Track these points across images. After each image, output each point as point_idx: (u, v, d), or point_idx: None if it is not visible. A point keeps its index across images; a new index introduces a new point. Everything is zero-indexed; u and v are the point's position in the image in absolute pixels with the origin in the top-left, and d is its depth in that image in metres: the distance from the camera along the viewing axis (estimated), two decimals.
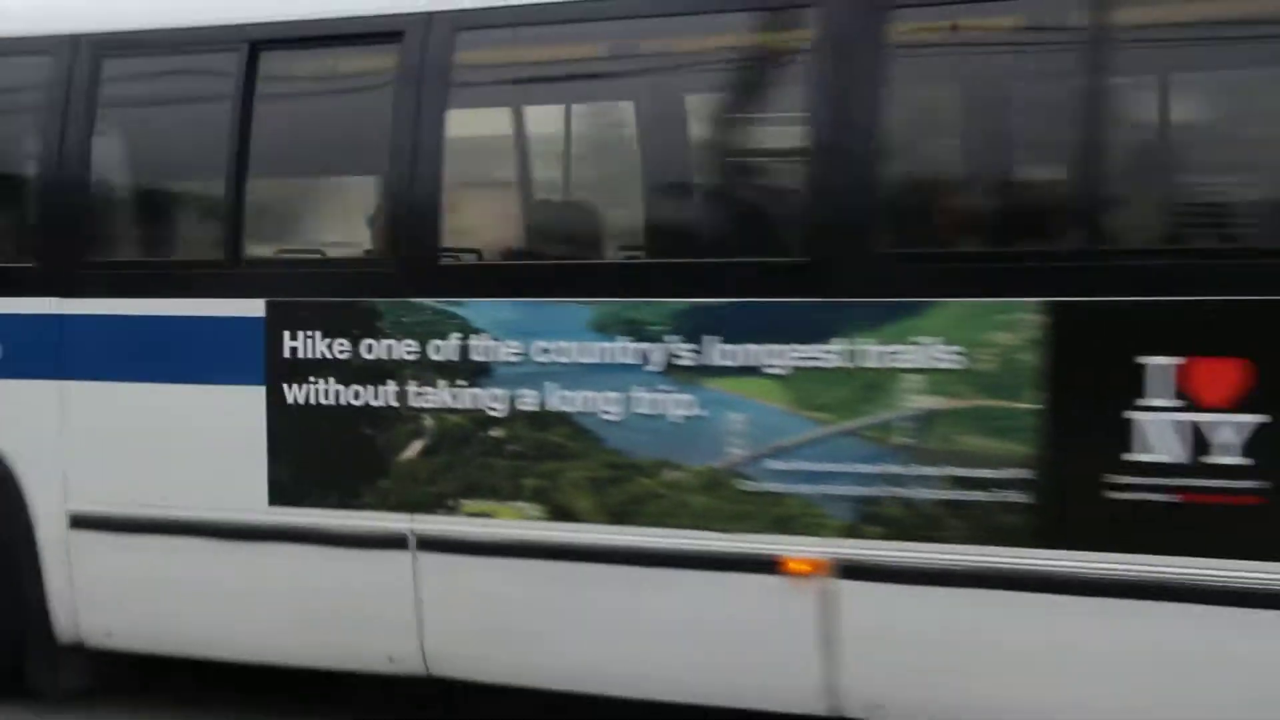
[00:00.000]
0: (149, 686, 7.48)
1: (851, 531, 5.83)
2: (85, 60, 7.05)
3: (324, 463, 6.53)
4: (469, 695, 6.78)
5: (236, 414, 6.59)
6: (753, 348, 5.93)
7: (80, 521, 7.03)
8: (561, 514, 6.22)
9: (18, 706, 7.24)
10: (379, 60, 6.48)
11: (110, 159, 7.16)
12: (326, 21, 6.62)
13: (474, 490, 6.34)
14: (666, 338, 6.05)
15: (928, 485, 5.72)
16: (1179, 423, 5.42)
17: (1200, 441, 5.41)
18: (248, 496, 6.65)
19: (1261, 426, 5.34)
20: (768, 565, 5.93)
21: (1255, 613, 5.33)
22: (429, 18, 6.37)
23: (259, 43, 6.70)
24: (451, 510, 6.38)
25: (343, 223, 7.22)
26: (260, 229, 6.95)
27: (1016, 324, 5.59)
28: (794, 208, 5.96)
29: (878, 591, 5.80)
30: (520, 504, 6.29)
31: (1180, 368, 5.43)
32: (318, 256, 6.94)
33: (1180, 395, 5.43)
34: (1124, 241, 5.61)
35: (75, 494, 7.01)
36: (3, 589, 7.26)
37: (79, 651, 7.20)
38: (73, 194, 7.09)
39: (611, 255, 6.57)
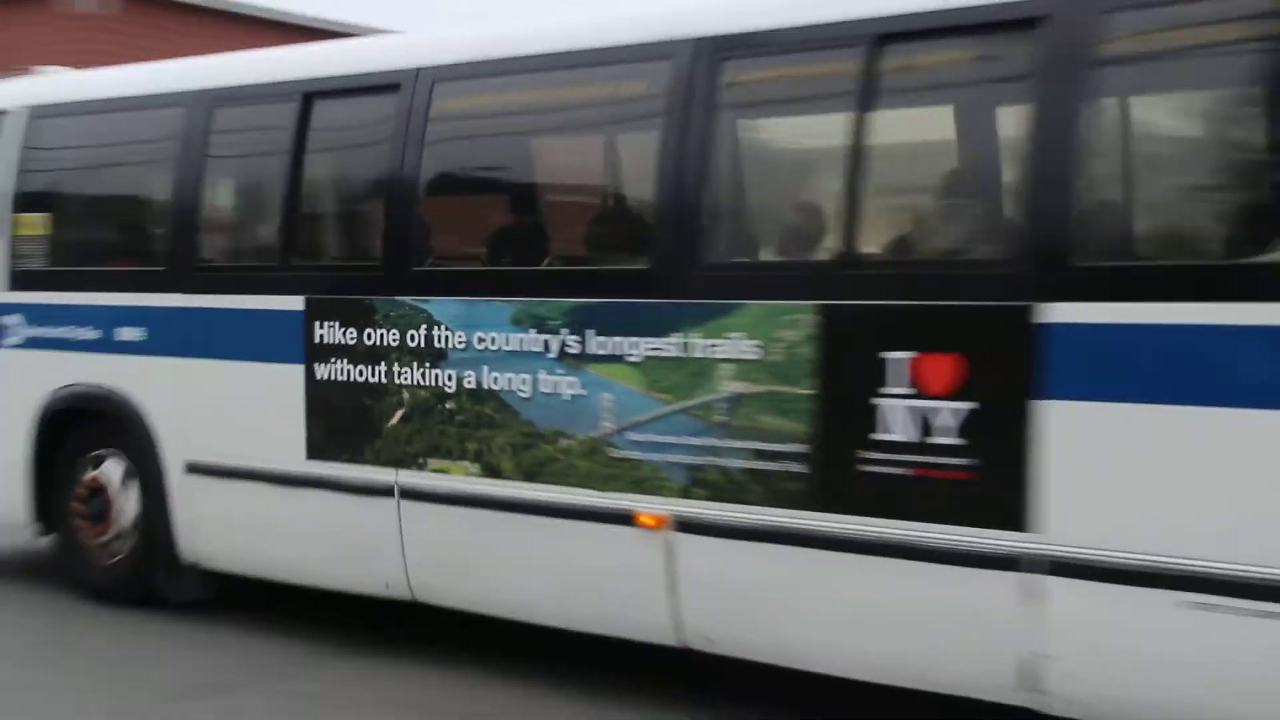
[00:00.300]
0: (252, 601, 9.39)
1: (685, 493, 7.15)
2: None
3: (342, 427, 8.23)
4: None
5: (287, 386, 8.37)
6: (617, 339, 7.34)
7: (193, 468, 9.03)
8: (492, 472, 7.78)
9: (148, 611, 9.33)
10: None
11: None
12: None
13: (435, 451, 7.97)
14: (561, 330, 7.52)
15: (737, 456, 7.00)
16: (909, 408, 6.52)
17: (925, 424, 6.49)
18: (293, 452, 8.48)
19: (971, 412, 6.37)
20: (626, 518, 7.32)
21: (962, 570, 6.40)
22: None
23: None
24: (421, 467, 8.02)
25: None
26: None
27: (797, 323, 6.80)
28: (645, 226, 7.34)
29: (704, 544, 7.11)
30: (465, 463, 7.87)
31: (911, 361, 6.53)
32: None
33: (911, 385, 6.52)
34: (866, 254, 6.74)
35: (189, 447, 9.02)
36: (146, 519, 9.35)
37: (194, 569, 9.20)
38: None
39: (528, 264, 8.09)
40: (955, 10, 6.53)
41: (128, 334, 9.28)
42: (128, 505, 9.43)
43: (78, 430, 9.58)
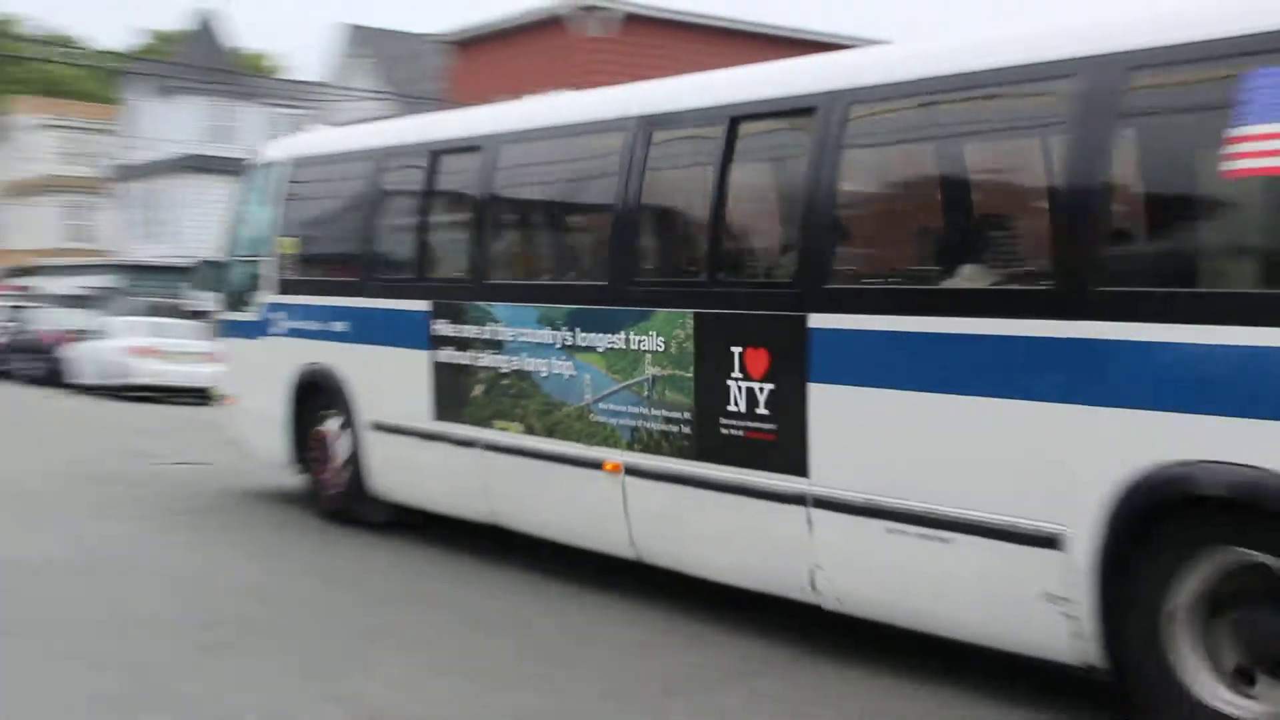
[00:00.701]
0: (426, 523, 12.81)
1: (630, 447, 10.09)
2: None
3: (450, 395, 11.54)
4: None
5: (420, 366, 11.74)
6: (592, 335, 10.36)
7: (375, 426, 12.53)
8: (529, 430, 10.91)
9: (354, 528, 12.90)
10: None
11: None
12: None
13: (500, 414, 11.17)
14: (562, 328, 10.59)
15: (656, 422, 9.90)
16: (741, 387, 9.27)
17: (751, 398, 9.25)
18: (426, 413, 11.84)
19: (772, 390, 9.11)
20: (598, 464, 10.33)
21: (773, 504, 9.12)
22: None
23: None
24: (492, 426, 11.24)
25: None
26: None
27: (684, 325, 9.67)
28: (605, 253, 10.24)
29: (640, 484, 10.03)
30: (515, 423, 11.04)
31: (741, 353, 9.32)
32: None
33: (742, 371, 9.30)
34: (719, 277, 9.41)
35: (372, 410, 12.53)
36: (351, 463, 12.88)
37: (379, 500, 12.70)
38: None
39: (546, 279, 11.13)
40: (769, 100, 9.21)
41: (338, 327, 12.83)
42: (340, 452, 12.94)
43: (314, 397, 13.15)
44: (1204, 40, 7.10)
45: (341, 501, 13.22)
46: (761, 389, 9.16)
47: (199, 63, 55.66)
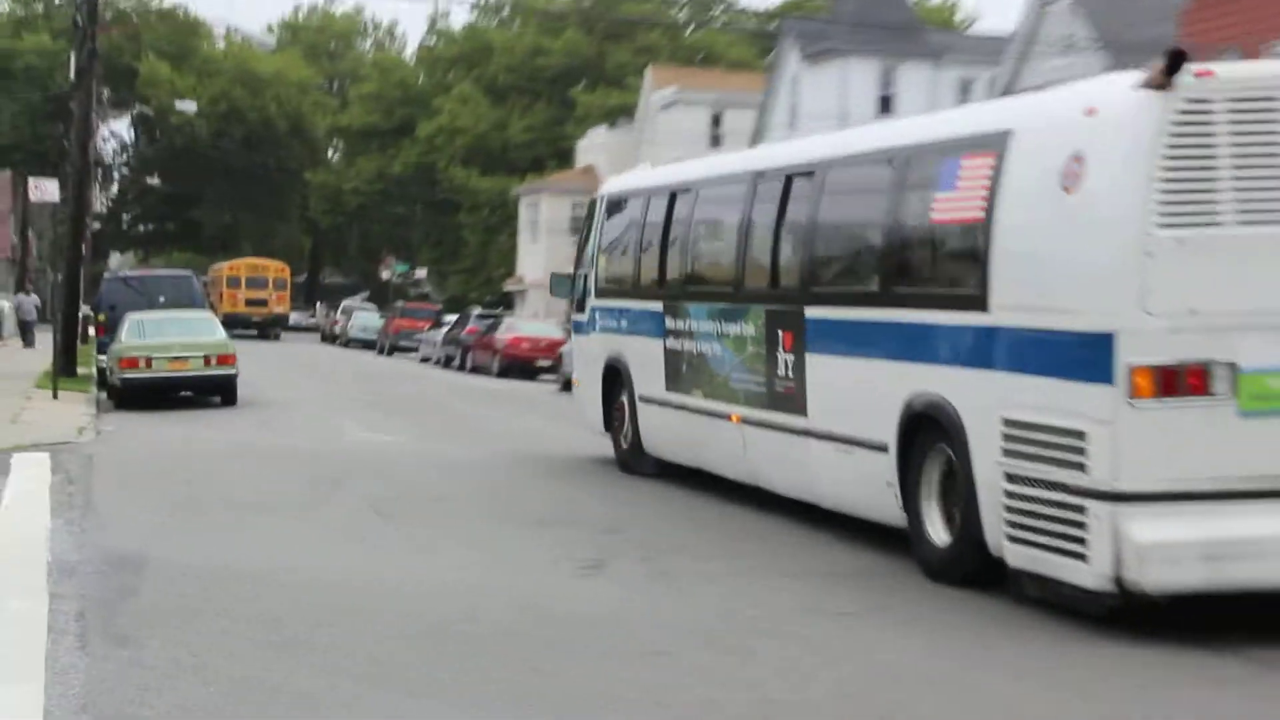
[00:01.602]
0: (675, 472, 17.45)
1: (744, 404, 14.94)
2: None
3: (673, 372, 16.52)
4: None
5: (659, 351, 16.87)
6: (726, 325, 15.50)
7: (641, 398, 17.68)
8: (704, 395, 15.96)
9: (637, 477, 18.03)
10: None
11: None
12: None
13: (694, 385, 16.12)
14: (715, 321, 15.68)
15: (748, 385, 14.86)
16: (781, 359, 14.00)
17: (785, 366, 13.90)
18: (662, 386, 16.81)
19: (793, 359, 13.75)
20: (728, 417, 15.16)
21: (795, 436, 13.85)
22: None
23: None
24: (690, 393, 16.18)
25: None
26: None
27: (756, 318, 14.40)
28: (731, 269, 15.29)
29: (751, 430, 14.77)
30: (699, 391, 16.01)
31: (782, 334, 13.99)
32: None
33: (783, 347, 14.00)
34: (757, 288, 14.35)
35: (638, 386, 17.72)
36: (634, 427, 17.91)
37: (649, 456, 17.75)
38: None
39: (708, 288, 16.20)
40: (781, 167, 14.40)
41: (623, 324, 18.03)
42: (626, 420, 18.15)
43: (616, 378, 18.43)
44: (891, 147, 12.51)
45: (629, 456, 18.28)
46: (786, 359, 13.90)
47: (870, 19, 49.26)
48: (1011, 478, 10.52)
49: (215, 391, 28.97)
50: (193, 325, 29.57)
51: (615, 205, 18.84)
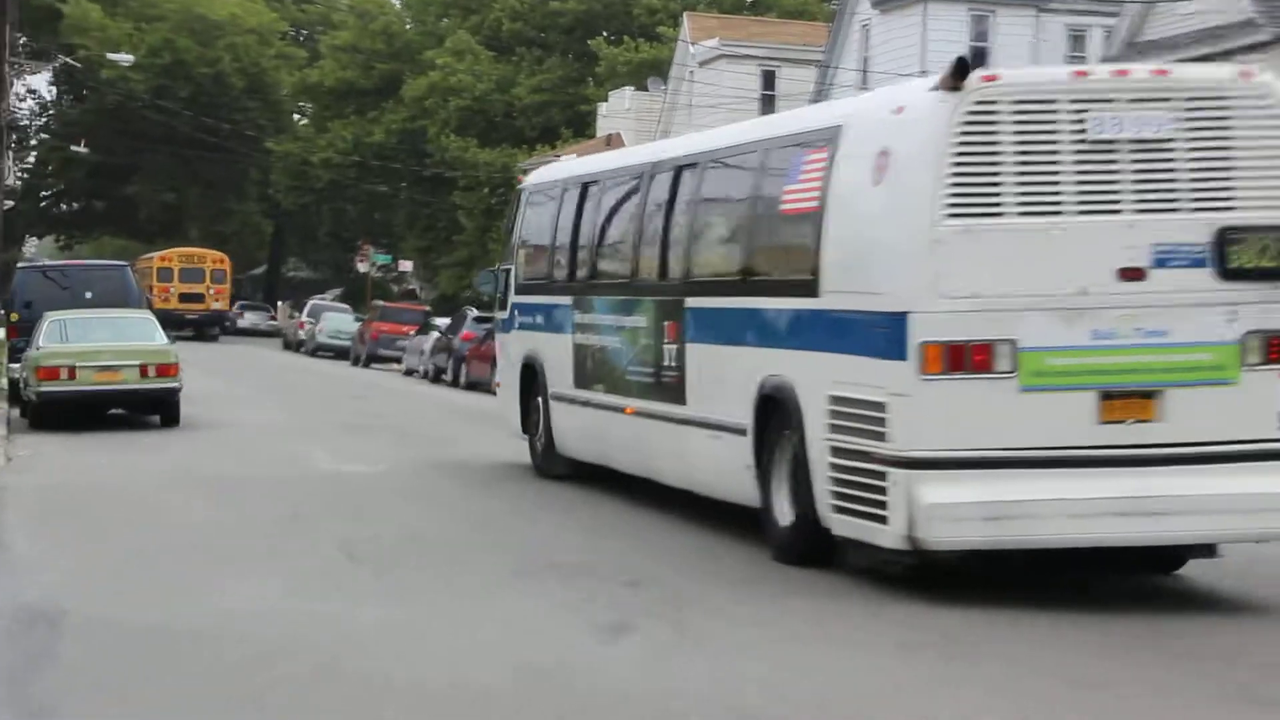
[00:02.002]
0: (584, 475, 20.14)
1: (637, 395, 18.20)
2: None
3: (579, 368, 19.67)
4: None
5: (568, 346, 20.00)
6: (623, 318, 18.72)
7: (554, 396, 20.65)
8: (606, 390, 19.10)
9: (550, 480, 20.87)
10: None
11: None
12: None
13: (597, 380, 19.28)
14: (615, 314, 18.96)
15: (638, 376, 18.11)
16: (665, 348, 17.25)
17: (668, 355, 17.20)
18: (571, 383, 19.93)
19: (675, 349, 16.97)
20: (622, 410, 18.40)
21: (675, 425, 17.10)
22: None
23: None
24: (594, 389, 19.29)
25: None
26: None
27: (649, 309, 17.75)
28: (631, 263, 18.63)
29: (633, 419, 18.11)
30: (601, 385, 19.12)
31: (666, 325, 17.37)
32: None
33: (667, 337, 17.31)
34: (647, 279, 17.62)
35: (552, 383, 20.71)
36: (546, 427, 20.96)
37: (561, 456, 20.77)
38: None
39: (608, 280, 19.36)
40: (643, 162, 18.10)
41: (538, 320, 21.13)
42: (540, 419, 21.13)
43: (531, 377, 21.37)
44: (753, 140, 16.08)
45: (542, 459, 21.36)
46: (670, 348, 17.07)
47: None
48: (835, 451, 13.75)
49: (153, 409, 29.21)
50: (126, 327, 29.65)
51: (535, 197, 22.04)
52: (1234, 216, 13.22)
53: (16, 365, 30.53)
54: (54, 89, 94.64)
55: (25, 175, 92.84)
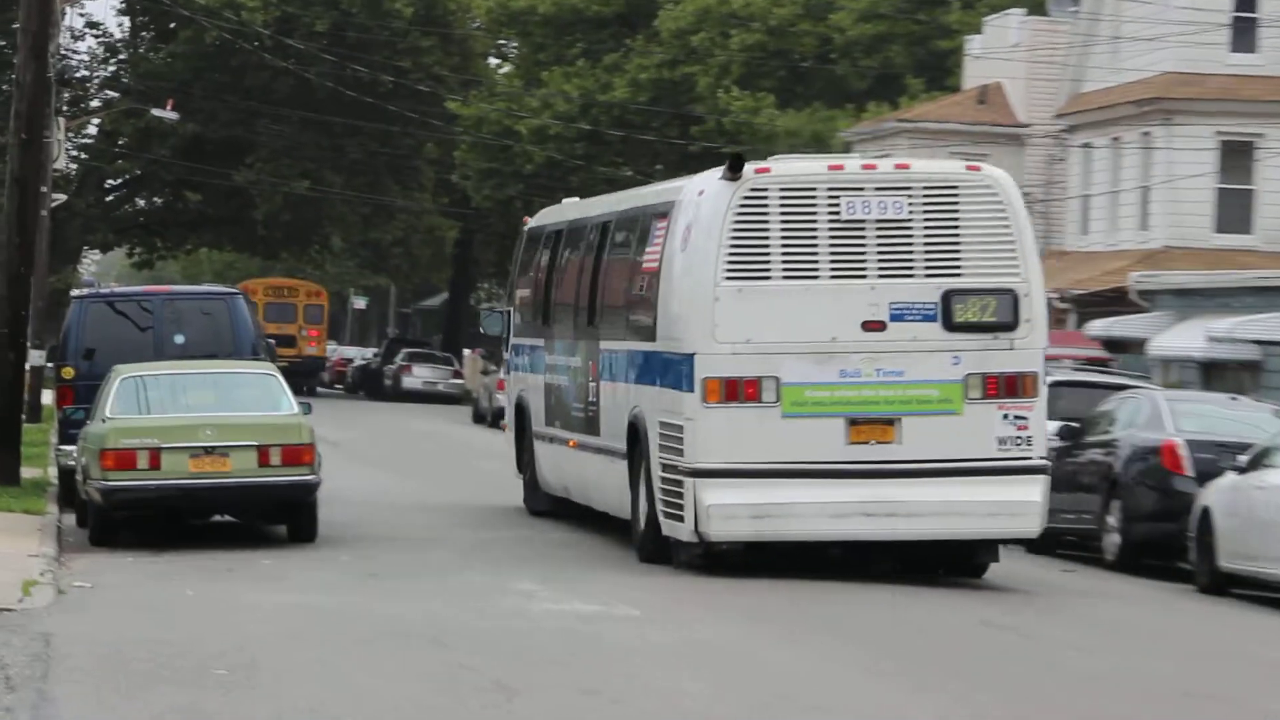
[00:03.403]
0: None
1: (576, 429, 22.76)
2: None
3: (548, 406, 24.26)
4: None
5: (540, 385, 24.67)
6: (568, 359, 22.61)
7: (535, 435, 25.19)
8: (562, 426, 23.22)
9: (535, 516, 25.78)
10: None
11: None
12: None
13: (555, 417, 23.71)
14: (566, 355, 23.10)
15: (579, 411, 22.24)
16: (591, 386, 21.28)
17: (592, 392, 21.33)
18: (543, 420, 24.29)
19: (595, 386, 21.23)
20: (567, 443, 23.05)
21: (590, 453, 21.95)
22: None
23: None
24: (555, 425, 23.77)
25: None
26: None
27: (582, 350, 22.11)
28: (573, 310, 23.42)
29: (576, 452, 22.40)
30: (560, 421, 23.42)
31: (589, 363, 21.35)
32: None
33: (590, 375, 21.37)
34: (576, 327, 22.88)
35: (535, 422, 24.99)
36: (530, 464, 25.25)
37: (542, 492, 24.88)
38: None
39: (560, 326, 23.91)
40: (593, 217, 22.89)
41: (526, 361, 25.46)
42: (528, 458, 25.04)
43: (524, 416, 25.58)
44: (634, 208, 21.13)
45: (528, 496, 25.64)
46: (591, 385, 21.73)
47: None
48: (662, 466, 18.90)
49: (278, 515, 21.76)
50: (237, 389, 21.97)
51: (529, 241, 26.46)
52: (958, 281, 18.56)
53: (72, 448, 22.99)
54: (126, 22, 68.60)
55: (82, 155, 66.76)
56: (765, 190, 18.27)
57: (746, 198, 18.22)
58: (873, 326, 18.18)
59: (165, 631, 15.25)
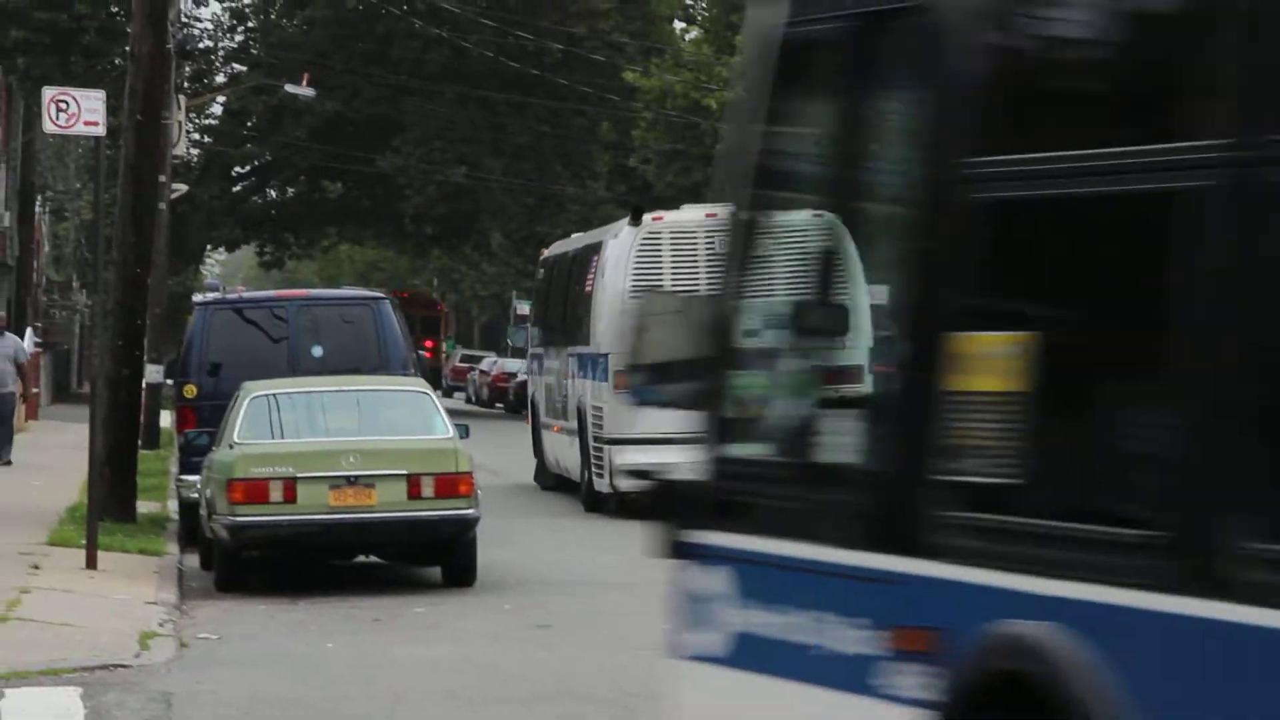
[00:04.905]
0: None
1: (558, 417, 30.93)
2: None
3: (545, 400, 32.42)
4: None
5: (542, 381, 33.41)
6: (554, 361, 30.74)
7: (541, 423, 32.59)
8: (556, 415, 30.36)
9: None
10: None
11: None
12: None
13: (552, 408, 30.94)
14: (557, 358, 30.92)
15: (560, 401, 30.38)
16: (569, 389, 29.11)
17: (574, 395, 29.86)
18: (545, 412, 32.33)
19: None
20: (552, 428, 31.36)
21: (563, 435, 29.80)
22: None
23: None
24: (552, 414, 31.17)
25: None
26: None
27: (566, 353, 30.47)
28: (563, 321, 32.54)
29: (558, 435, 29.71)
30: (556, 411, 31.03)
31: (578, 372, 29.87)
32: None
33: (572, 375, 29.52)
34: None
35: (541, 414, 32.54)
36: (541, 451, 32.90)
37: (550, 473, 32.29)
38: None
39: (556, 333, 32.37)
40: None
41: (535, 365, 33.46)
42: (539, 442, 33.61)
43: (537, 412, 33.99)
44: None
45: (538, 474, 32.24)
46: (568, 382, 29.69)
47: None
48: (593, 438, 26.04)
49: (430, 555, 20.28)
50: (384, 408, 20.57)
51: (541, 268, 34.21)
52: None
53: (194, 478, 21.67)
54: None
55: (206, 139, 62.40)
56: (659, 234, 25.94)
57: (645, 240, 25.90)
58: None
59: (301, 690, 14.39)
